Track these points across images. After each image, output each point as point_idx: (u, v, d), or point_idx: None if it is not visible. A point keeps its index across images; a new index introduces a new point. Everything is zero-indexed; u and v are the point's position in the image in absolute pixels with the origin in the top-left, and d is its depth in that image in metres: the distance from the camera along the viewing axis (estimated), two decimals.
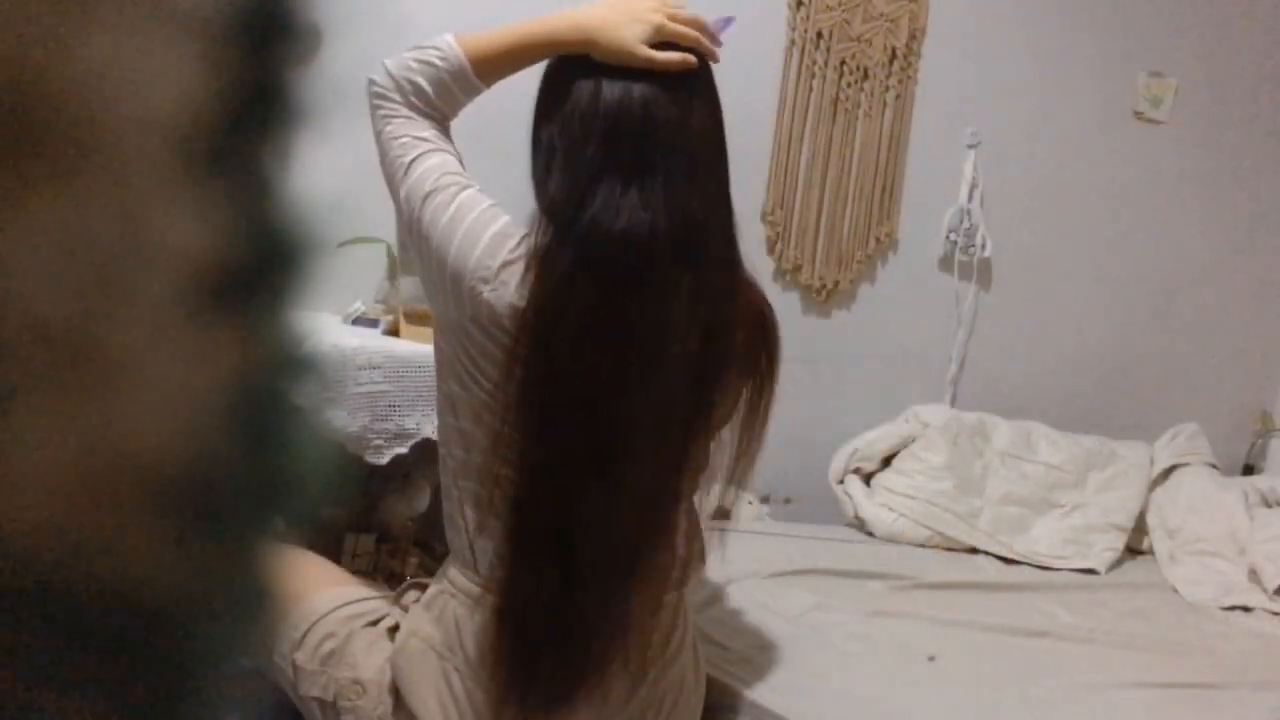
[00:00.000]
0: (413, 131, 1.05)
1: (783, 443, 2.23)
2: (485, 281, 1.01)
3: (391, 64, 1.06)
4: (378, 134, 1.06)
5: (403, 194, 1.04)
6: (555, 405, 1.00)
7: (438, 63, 1.05)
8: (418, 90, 1.05)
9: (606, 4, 1.04)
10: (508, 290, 1.01)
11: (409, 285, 1.61)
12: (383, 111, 1.06)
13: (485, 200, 1.05)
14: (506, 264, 1.01)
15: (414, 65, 1.05)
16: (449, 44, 1.06)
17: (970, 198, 2.44)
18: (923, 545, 2.11)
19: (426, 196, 1.03)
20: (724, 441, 1.13)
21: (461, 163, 1.08)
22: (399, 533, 1.72)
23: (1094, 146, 2.57)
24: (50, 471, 0.19)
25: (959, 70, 2.40)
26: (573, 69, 1.03)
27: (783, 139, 2.27)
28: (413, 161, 1.04)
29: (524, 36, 1.06)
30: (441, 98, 1.07)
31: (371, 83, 1.06)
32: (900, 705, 1.36)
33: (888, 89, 2.34)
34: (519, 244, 1.02)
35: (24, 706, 0.19)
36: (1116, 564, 2.19)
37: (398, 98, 1.05)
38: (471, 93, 1.08)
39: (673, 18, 1.03)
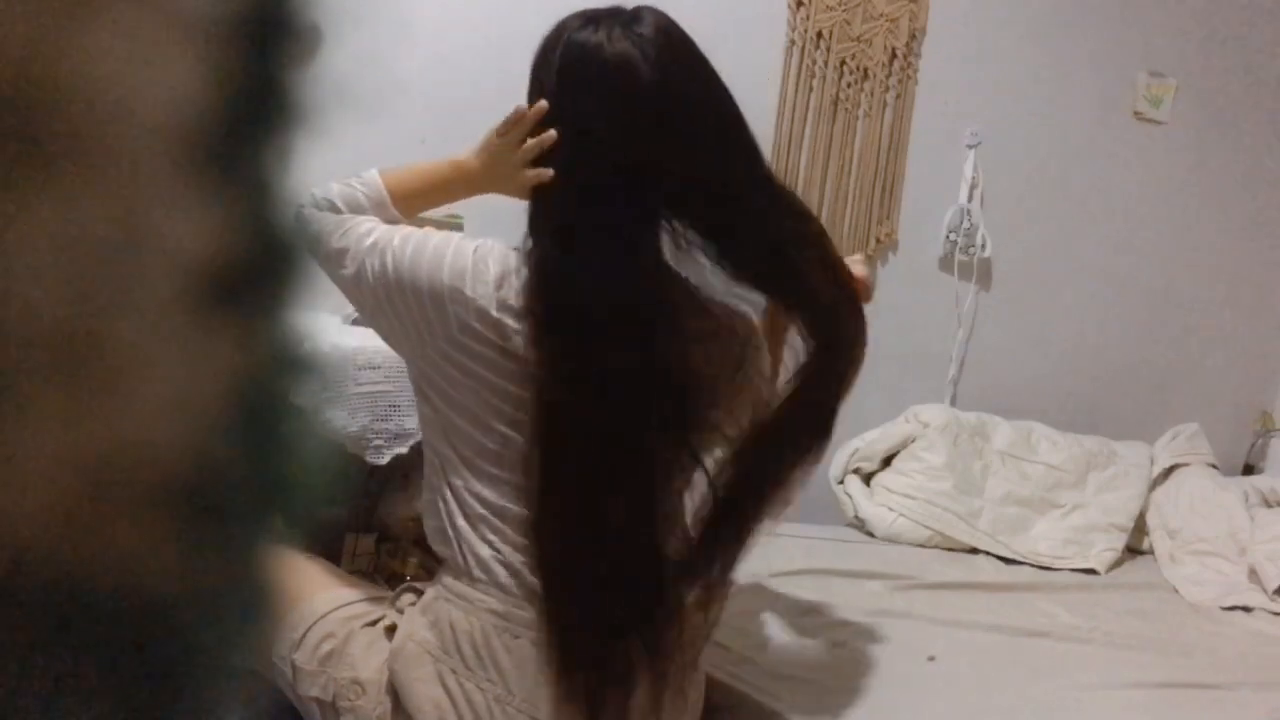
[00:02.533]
0: (335, 218, 1.10)
1: None
2: (482, 294, 1.03)
3: (317, 191, 1.11)
4: (310, 243, 1.09)
5: (349, 269, 1.07)
6: (570, 428, 1.02)
7: (359, 189, 1.12)
8: (335, 208, 1.11)
9: (478, 148, 1.12)
10: (508, 305, 1.03)
11: None
12: (305, 220, 1.10)
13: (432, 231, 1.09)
14: (502, 277, 1.04)
15: (336, 190, 1.12)
16: (373, 177, 1.14)
17: (970, 198, 2.44)
18: (923, 545, 2.11)
19: (376, 248, 1.06)
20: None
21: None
22: (399, 533, 1.72)
23: (1094, 146, 2.57)
24: (50, 471, 0.19)
25: (959, 70, 2.40)
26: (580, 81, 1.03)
27: (782, 139, 2.26)
28: (345, 233, 1.08)
29: (428, 183, 1.16)
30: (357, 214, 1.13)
31: (299, 209, 1.08)
32: (900, 705, 1.36)
33: (888, 89, 2.34)
34: (504, 264, 1.04)
35: (24, 705, 0.19)
36: (1116, 564, 2.19)
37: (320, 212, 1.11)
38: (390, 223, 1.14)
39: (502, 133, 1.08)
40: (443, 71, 1.97)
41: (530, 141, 1.06)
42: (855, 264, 1.21)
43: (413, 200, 1.16)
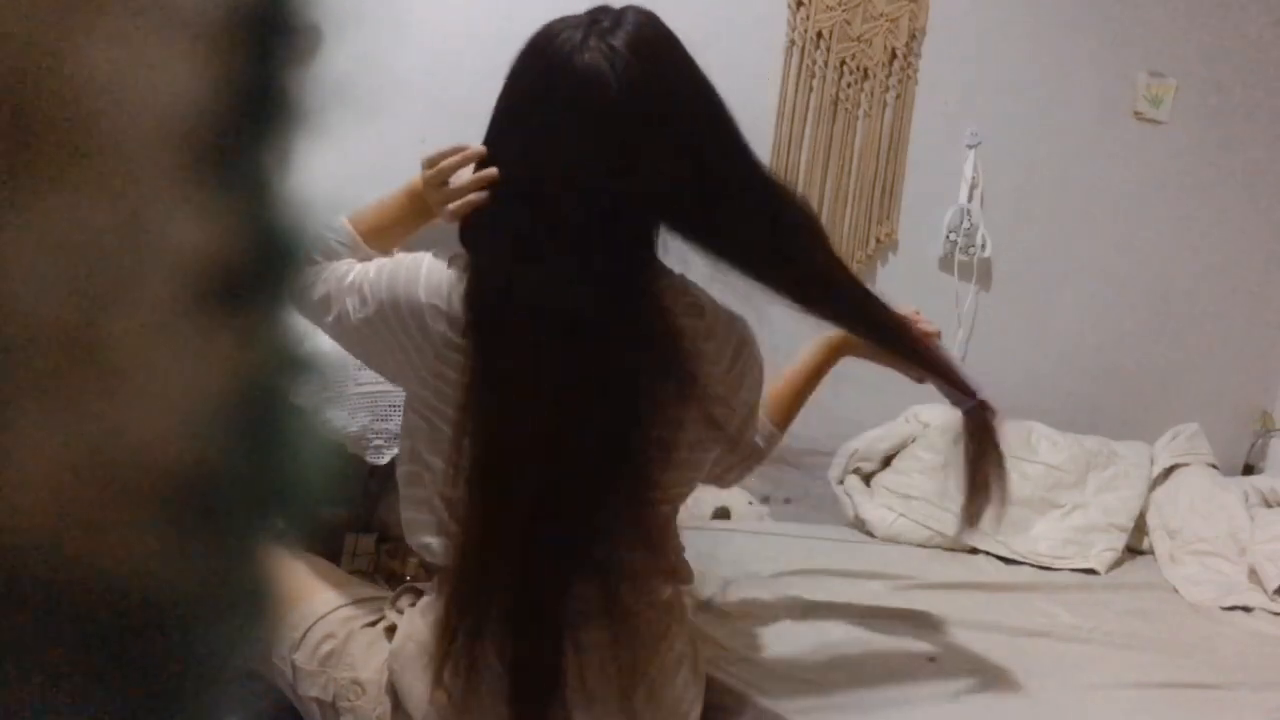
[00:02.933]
0: (313, 269, 1.11)
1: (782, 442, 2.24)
2: (461, 308, 1.02)
3: None
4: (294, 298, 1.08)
5: (333, 312, 1.07)
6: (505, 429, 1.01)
7: (331, 237, 1.13)
8: (312, 260, 1.11)
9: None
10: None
11: None
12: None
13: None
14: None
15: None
16: (341, 224, 1.14)
17: (970, 198, 2.44)
18: (923, 545, 2.11)
19: (354, 285, 1.07)
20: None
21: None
22: (399, 533, 1.72)
23: (1094, 146, 2.57)
24: (50, 471, 0.19)
25: (959, 70, 2.40)
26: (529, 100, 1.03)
27: (782, 139, 2.26)
28: (324, 279, 1.08)
29: (391, 217, 1.17)
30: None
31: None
32: (900, 705, 1.36)
33: (888, 89, 2.34)
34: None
35: (23, 705, 0.19)
36: (1116, 564, 2.19)
37: None
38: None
39: (432, 167, 1.08)
40: (443, 71, 1.97)
41: (462, 179, 1.05)
42: (924, 323, 1.22)
43: (383, 234, 1.16)
